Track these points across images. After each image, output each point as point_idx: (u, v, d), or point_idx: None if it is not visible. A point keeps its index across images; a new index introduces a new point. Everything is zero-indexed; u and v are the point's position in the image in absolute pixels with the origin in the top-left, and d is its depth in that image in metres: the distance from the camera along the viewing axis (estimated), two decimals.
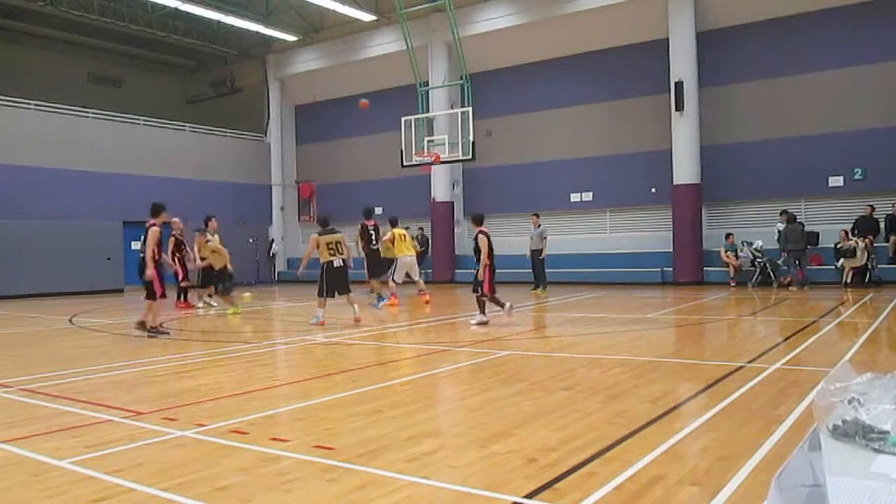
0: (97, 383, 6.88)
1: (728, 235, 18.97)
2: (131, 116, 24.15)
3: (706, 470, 3.71)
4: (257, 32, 25.36)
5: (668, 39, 19.81)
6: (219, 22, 24.63)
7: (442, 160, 18.57)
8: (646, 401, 5.43)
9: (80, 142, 22.23)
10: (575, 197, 22.29)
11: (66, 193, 21.50)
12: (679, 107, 19.30)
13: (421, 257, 24.66)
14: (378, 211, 26.61)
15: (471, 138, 17.71)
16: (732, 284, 18.35)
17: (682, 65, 19.47)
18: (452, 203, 23.89)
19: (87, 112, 23.02)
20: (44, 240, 20.63)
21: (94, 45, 27.06)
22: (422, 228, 24.51)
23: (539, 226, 17.90)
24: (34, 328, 12.63)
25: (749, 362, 7.00)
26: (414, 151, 18.62)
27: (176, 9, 22.90)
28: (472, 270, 11.51)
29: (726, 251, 18.68)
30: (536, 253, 17.72)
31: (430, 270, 23.84)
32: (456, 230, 23.97)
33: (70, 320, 13.51)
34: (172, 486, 3.62)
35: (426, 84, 20.75)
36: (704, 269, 19.50)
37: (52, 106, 22.15)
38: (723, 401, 5.31)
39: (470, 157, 18.05)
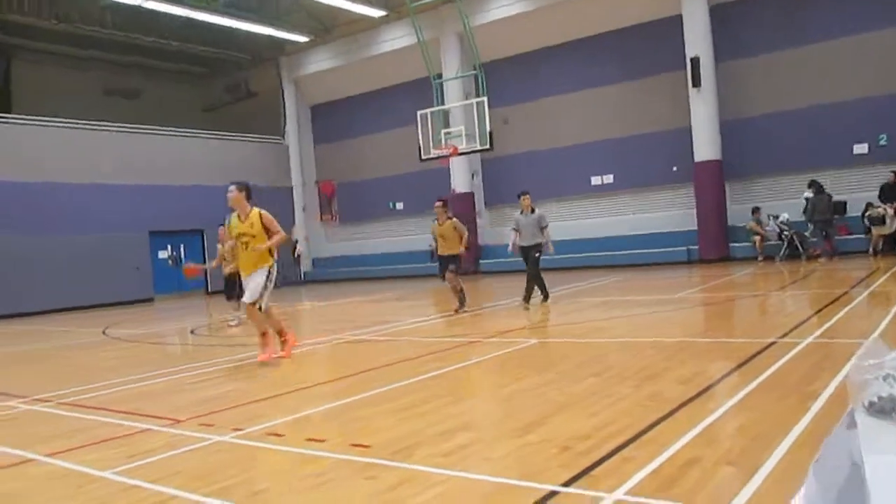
0: (134, 393, 6.99)
1: (755, 210, 18.70)
2: (151, 127, 24.39)
3: (742, 450, 3.69)
4: (269, 36, 25.47)
5: (681, 15, 19.52)
6: (230, 28, 24.77)
7: (460, 152, 18.52)
8: (678, 382, 5.40)
9: (103, 155, 22.48)
10: (596, 180, 22.13)
11: (92, 207, 21.79)
12: (696, 83, 19.04)
13: None
14: (399, 206, 26.86)
15: (487, 128, 17.64)
16: (760, 260, 18.13)
17: (697, 40, 19.19)
18: (473, 194, 23.83)
19: (109, 126, 23.28)
20: (72, 254, 20.91)
21: (109, 59, 27.31)
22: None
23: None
24: (67, 342, 12.84)
25: (781, 337, 6.92)
26: (431, 145, 18.54)
27: (188, 18, 23.05)
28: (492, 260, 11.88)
29: (757, 223, 18.50)
30: None
31: None
32: (478, 221, 23.87)
33: (103, 332, 13.73)
34: (214, 491, 3.68)
35: (440, 76, 20.70)
36: (730, 245, 19.29)
37: (75, 122, 22.42)
38: (756, 378, 5.26)
39: (488, 146, 17.95)
